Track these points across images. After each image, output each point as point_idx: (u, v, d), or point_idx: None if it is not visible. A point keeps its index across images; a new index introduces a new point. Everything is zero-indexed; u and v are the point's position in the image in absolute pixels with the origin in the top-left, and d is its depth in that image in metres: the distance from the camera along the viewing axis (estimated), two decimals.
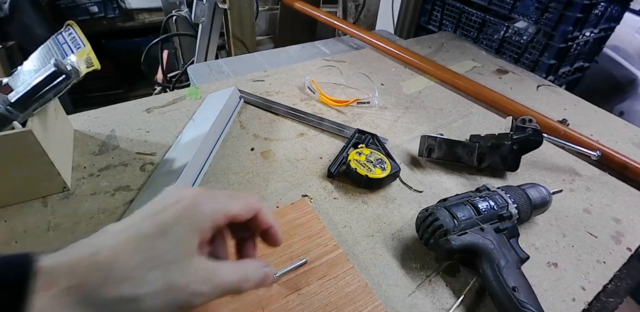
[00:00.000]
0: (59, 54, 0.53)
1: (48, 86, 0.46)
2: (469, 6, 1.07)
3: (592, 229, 0.55)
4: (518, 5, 0.94)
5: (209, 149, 0.60)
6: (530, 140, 0.59)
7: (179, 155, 0.58)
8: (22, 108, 0.46)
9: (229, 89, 0.70)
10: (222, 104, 0.66)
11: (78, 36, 0.53)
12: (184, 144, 0.60)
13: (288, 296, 0.42)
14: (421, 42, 1.05)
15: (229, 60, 0.96)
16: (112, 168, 0.57)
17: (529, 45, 0.97)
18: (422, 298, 0.44)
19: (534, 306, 0.39)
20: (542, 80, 0.92)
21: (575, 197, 0.60)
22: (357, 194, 0.56)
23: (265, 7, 1.68)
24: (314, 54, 1.01)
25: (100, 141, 0.62)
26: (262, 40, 1.72)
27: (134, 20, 1.98)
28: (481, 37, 1.08)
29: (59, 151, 0.53)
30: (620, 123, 0.80)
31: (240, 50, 1.30)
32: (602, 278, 0.48)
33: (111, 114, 0.68)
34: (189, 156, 0.55)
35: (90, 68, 0.49)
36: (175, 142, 0.61)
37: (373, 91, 0.79)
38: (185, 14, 1.44)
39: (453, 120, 0.75)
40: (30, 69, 0.53)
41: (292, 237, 0.48)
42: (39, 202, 0.51)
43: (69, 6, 1.78)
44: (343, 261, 0.45)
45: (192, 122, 0.64)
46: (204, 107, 0.70)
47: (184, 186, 0.28)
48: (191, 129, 0.63)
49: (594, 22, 0.93)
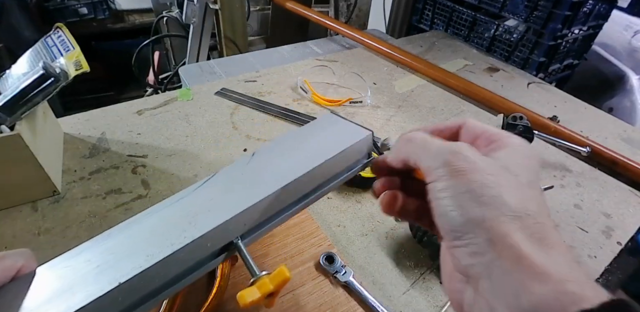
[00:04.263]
0: (48, 57, 0.52)
1: (36, 89, 0.46)
2: (459, 5, 1.08)
3: (582, 224, 0.55)
4: (508, 3, 0.95)
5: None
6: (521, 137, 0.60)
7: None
8: (10, 112, 0.45)
9: (358, 129, 0.32)
10: (324, 153, 0.30)
11: (67, 39, 0.53)
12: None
13: (283, 296, 0.42)
14: (413, 41, 1.06)
15: (221, 61, 0.96)
16: (103, 171, 0.57)
17: (519, 44, 0.98)
18: (416, 296, 0.44)
19: None
20: (532, 77, 0.93)
21: (566, 193, 0.61)
22: (351, 194, 0.56)
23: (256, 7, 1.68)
24: (306, 54, 1.01)
25: (90, 144, 0.61)
26: (254, 40, 1.72)
27: (124, 21, 1.96)
28: (472, 35, 1.09)
29: (49, 155, 0.53)
30: (610, 119, 0.81)
31: (232, 51, 1.30)
32: (593, 272, 0.49)
33: (102, 117, 0.68)
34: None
35: (79, 71, 0.49)
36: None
37: (365, 90, 0.79)
38: (176, 14, 1.43)
39: (445, 119, 0.75)
40: (18, 72, 0.53)
41: (286, 238, 0.48)
42: (29, 206, 0.51)
43: (57, 8, 1.75)
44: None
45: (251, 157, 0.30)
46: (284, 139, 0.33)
47: None
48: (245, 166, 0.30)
49: (582, 19, 0.94)
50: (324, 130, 0.32)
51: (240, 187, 0.27)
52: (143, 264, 0.22)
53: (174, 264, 0.23)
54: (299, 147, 0.30)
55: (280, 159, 0.29)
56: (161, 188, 0.55)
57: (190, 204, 0.26)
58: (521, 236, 0.18)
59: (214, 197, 0.27)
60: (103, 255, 0.23)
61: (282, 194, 0.26)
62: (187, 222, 0.25)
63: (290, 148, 0.30)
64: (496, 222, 0.18)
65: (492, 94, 0.80)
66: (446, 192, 0.20)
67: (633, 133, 0.77)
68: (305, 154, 0.29)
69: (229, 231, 0.25)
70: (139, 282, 0.22)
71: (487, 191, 0.19)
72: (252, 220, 0.26)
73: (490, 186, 0.19)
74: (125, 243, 0.24)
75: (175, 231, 0.24)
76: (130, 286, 0.22)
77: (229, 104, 0.74)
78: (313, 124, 0.33)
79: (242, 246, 0.25)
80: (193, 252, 0.24)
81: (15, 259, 0.23)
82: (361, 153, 0.32)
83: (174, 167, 0.58)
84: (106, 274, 0.22)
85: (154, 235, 0.24)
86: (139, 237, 0.24)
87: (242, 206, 0.25)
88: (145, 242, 0.24)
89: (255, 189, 0.26)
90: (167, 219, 0.25)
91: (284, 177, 0.27)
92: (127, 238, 0.24)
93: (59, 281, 0.22)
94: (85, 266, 0.23)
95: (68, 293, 0.21)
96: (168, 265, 0.23)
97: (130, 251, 0.23)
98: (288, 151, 0.30)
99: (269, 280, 0.24)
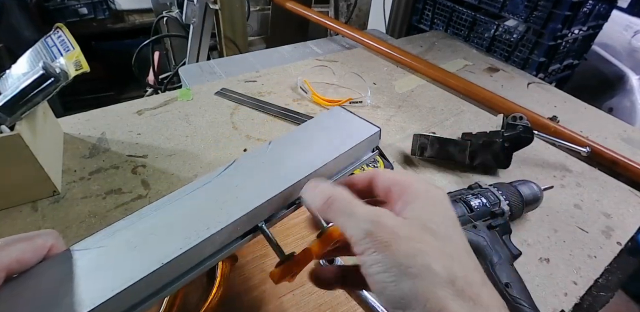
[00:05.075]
0: (48, 57, 0.52)
1: (36, 89, 0.46)
2: (459, 5, 1.08)
3: (582, 225, 0.55)
4: (508, 3, 0.95)
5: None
6: (521, 137, 0.60)
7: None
8: (10, 112, 0.45)
9: (368, 125, 0.34)
10: (342, 145, 0.32)
11: (67, 39, 0.53)
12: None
13: (283, 296, 0.42)
14: (413, 41, 1.06)
15: (221, 61, 0.96)
16: (103, 171, 0.57)
17: (519, 44, 0.98)
18: None
19: (527, 301, 0.39)
20: (532, 77, 0.93)
21: (566, 193, 0.61)
22: None
23: (256, 7, 1.68)
24: (306, 54, 1.01)
25: (90, 144, 0.61)
26: (254, 40, 1.71)
27: (124, 21, 1.96)
28: (472, 35, 1.09)
29: (49, 155, 0.53)
30: (610, 119, 0.81)
31: (232, 51, 1.30)
32: (593, 272, 0.49)
33: (102, 117, 0.68)
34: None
35: (79, 71, 0.49)
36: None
37: (365, 90, 0.79)
38: (176, 14, 1.43)
39: (445, 119, 0.75)
40: (18, 72, 0.53)
41: (286, 238, 0.48)
42: (29, 206, 0.51)
43: (57, 8, 1.75)
44: None
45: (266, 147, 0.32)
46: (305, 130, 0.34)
47: None
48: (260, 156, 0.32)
49: (582, 20, 0.94)
50: (338, 125, 0.34)
51: (263, 175, 0.29)
52: (183, 246, 0.24)
53: (209, 246, 0.25)
54: (314, 140, 0.32)
55: (298, 150, 0.31)
56: (161, 188, 0.55)
57: (217, 190, 0.28)
58: (456, 304, 0.19)
59: (239, 184, 0.28)
60: (141, 236, 0.25)
61: (301, 184, 0.28)
62: (218, 207, 0.26)
63: (307, 140, 0.32)
64: (431, 294, 0.19)
65: (492, 94, 0.80)
66: (376, 267, 0.20)
67: (633, 133, 0.77)
68: (321, 147, 0.31)
69: (256, 217, 0.27)
70: (178, 263, 0.24)
71: (414, 261, 0.20)
72: (276, 206, 0.29)
73: (416, 255, 0.20)
74: (160, 225, 0.26)
75: (209, 216, 0.26)
76: (170, 267, 0.23)
77: (229, 104, 0.74)
78: (325, 117, 0.35)
79: (266, 229, 0.28)
80: (225, 235, 0.26)
81: (45, 239, 0.24)
82: (369, 148, 0.35)
83: (174, 167, 0.58)
84: (147, 255, 0.23)
85: (189, 218, 0.26)
86: (174, 220, 0.26)
87: (268, 195, 0.27)
88: (181, 225, 0.25)
89: (278, 178, 0.29)
90: (198, 203, 0.27)
91: (304, 168, 0.29)
92: (162, 220, 0.26)
93: (100, 260, 0.24)
94: (124, 247, 0.24)
95: (111, 272, 0.23)
96: (204, 247, 0.25)
97: (167, 233, 0.25)
98: (304, 143, 0.32)
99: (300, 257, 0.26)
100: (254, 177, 0.29)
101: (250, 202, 0.27)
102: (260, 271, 0.44)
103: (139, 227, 0.25)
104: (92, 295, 0.21)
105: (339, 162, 0.31)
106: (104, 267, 0.23)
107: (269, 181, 0.28)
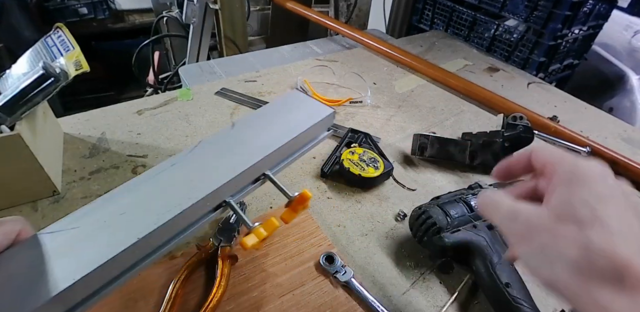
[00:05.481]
0: (48, 57, 0.52)
1: (36, 89, 0.46)
2: (459, 5, 1.08)
3: None
4: (508, 3, 0.95)
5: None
6: (521, 137, 0.60)
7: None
8: (10, 112, 0.45)
9: (323, 106, 0.37)
10: (301, 125, 0.34)
11: (67, 39, 0.53)
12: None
13: (283, 296, 0.42)
14: (413, 41, 1.06)
15: (221, 61, 0.96)
16: (103, 171, 0.57)
17: (519, 43, 0.98)
18: (416, 296, 0.44)
19: (527, 301, 0.39)
20: (532, 77, 0.93)
21: None
22: (351, 194, 0.56)
23: (256, 7, 1.68)
24: (306, 53, 1.01)
25: (90, 144, 0.61)
26: (254, 40, 1.72)
27: (124, 21, 1.96)
28: (472, 35, 1.09)
29: (49, 155, 0.53)
30: (610, 119, 0.81)
31: (232, 51, 1.30)
32: None
33: (102, 117, 0.68)
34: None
35: (79, 71, 0.49)
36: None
37: (365, 90, 0.79)
38: (176, 14, 1.43)
39: (445, 119, 0.75)
40: (18, 72, 0.53)
41: (286, 238, 0.48)
42: (29, 206, 0.51)
43: (57, 8, 1.75)
44: None
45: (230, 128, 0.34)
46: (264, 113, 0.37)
47: None
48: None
49: (582, 19, 0.94)
50: (296, 107, 0.37)
51: (228, 154, 0.31)
52: (157, 221, 0.25)
53: (180, 221, 0.27)
54: (275, 121, 0.35)
55: (259, 131, 0.34)
56: None
57: (185, 169, 0.30)
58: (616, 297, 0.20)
59: (206, 163, 0.31)
60: (114, 215, 0.26)
61: (263, 161, 0.31)
62: (187, 186, 0.28)
63: (267, 122, 0.35)
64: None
65: (492, 94, 0.80)
66: (523, 257, 0.24)
67: (633, 133, 0.77)
68: (281, 128, 0.34)
69: (223, 193, 0.29)
70: (152, 238, 0.25)
71: (549, 251, 0.22)
72: (242, 183, 0.31)
73: (545, 246, 0.22)
74: (133, 204, 0.27)
75: (179, 193, 0.28)
76: (145, 241, 0.25)
77: (229, 104, 0.74)
78: (283, 100, 0.38)
79: (233, 204, 0.30)
80: (195, 211, 0.28)
81: (13, 224, 0.24)
82: (324, 128, 0.37)
83: None
84: (124, 231, 0.25)
85: (159, 196, 0.28)
86: (145, 199, 0.27)
87: (233, 172, 0.29)
88: (153, 203, 0.27)
89: (242, 157, 0.31)
90: (168, 182, 0.29)
91: (266, 147, 0.32)
92: (134, 199, 0.27)
93: (73, 241, 0.24)
94: (98, 225, 0.25)
95: (87, 251, 0.24)
96: (176, 222, 0.27)
97: (141, 211, 0.26)
98: (265, 125, 0.34)
99: (263, 229, 0.29)
100: (219, 157, 0.31)
101: (217, 179, 0.29)
102: (260, 271, 0.44)
103: (110, 208, 0.27)
104: (66, 275, 0.22)
105: (297, 141, 0.34)
106: (78, 247, 0.24)
107: (234, 159, 0.31)
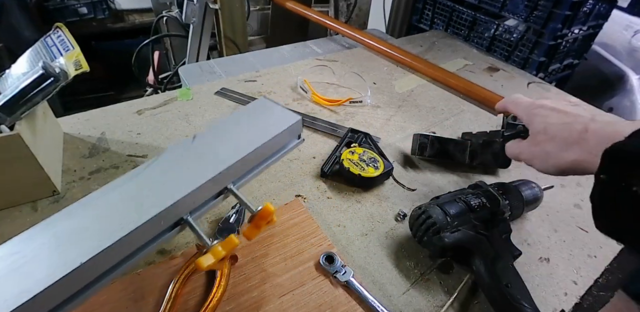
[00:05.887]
0: (48, 57, 0.52)
1: (36, 89, 0.46)
2: (459, 5, 1.08)
3: (583, 224, 0.55)
4: (508, 3, 0.95)
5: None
6: (521, 137, 0.60)
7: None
8: (9, 112, 0.45)
9: (290, 114, 0.36)
10: (265, 135, 0.34)
11: (67, 38, 0.53)
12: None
13: (283, 296, 0.42)
14: (413, 41, 1.06)
15: (221, 61, 0.96)
16: (103, 171, 0.57)
17: (519, 43, 0.98)
18: (416, 295, 0.44)
19: (526, 301, 0.39)
20: (532, 77, 0.93)
21: (566, 193, 0.60)
22: (351, 193, 0.56)
23: (256, 7, 1.68)
24: (306, 53, 1.01)
25: (90, 144, 0.61)
26: (254, 40, 1.71)
27: (124, 21, 1.96)
28: (472, 35, 1.09)
29: (49, 155, 0.53)
30: None
31: (231, 51, 1.30)
32: (594, 272, 0.49)
33: (102, 117, 0.68)
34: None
35: (79, 70, 0.49)
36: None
37: (365, 90, 0.79)
38: (175, 14, 1.43)
39: (445, 119, 0.75)
40: (18, 72, 0.53)
41: (286, 238, 0.48)
42: (29, 206, 0.51)
43: (57, 8, 1.75)
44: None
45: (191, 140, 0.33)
46: (226, 123, 0.36)
47: None
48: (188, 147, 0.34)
49: (582, 19, 0.94)
50: (261, 115, 0.35)
51: (186, 169, 0.30)
52: (104, 243, 0.24)
53: (129, 243, 0.26)
54: (237, 131, 0.33)
55: (221, 143, 0.32)
56: None
57: (141, 185, 0.29)
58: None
59: (162, 179, 0.29)
60: (58, 238, 0.25)
61: (224, 175, 0.29)
62: (136, 205, 0.27)
63: (230, 132, 0.33)
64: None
65: (492, 93, 0.80)
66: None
67: None
68: (244, 138, 0.32)
69: (180, 210, 0.28)
70: (99, 261, 0.24)
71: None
72: (200, 199, 0.29)
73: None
74: (75, 229, 0.25)
75: (126, 215, 0.26)
76: (80, 271, 0.23)
77: (229, 103, 0.74)
78: (249, 108, 0.36)
79: (191, 221, 0.29)
80: (146, 232, 0.26)
81: None
82: (293, 136, 0.36)
83: None
84: (66, 254, 0.23)
85: (110, 215, 0.26)
86: (88, 224, 0.26)
87: (190, 188, 0.28)
88: (104, 221, 0.26)
89: (201, 171, 0.29)
90: (118, 200, 0.27)
91: (225, 160, 0.30)
92: (77, 224, 0.26)
93: (13, 267, 0.23)
94: (40, 250, 0.24)
95: (27, 276, 0.22)
96: (122, 245, 0.25)
97: (82, 237, 0.25)
98: (227, 135, 0.33)
99: (221, 247, 0.28)
100: (178, 172, 0.29)
101: (171, 196, 0.27)
102: (260, 271, 0.44)
103: (52, 233, 0.25)
104: (6, 301, 0.21)
105: (262, 152, 0.32)
106: (18, 272, 0.23)
107: (192, 174, 0.29)
